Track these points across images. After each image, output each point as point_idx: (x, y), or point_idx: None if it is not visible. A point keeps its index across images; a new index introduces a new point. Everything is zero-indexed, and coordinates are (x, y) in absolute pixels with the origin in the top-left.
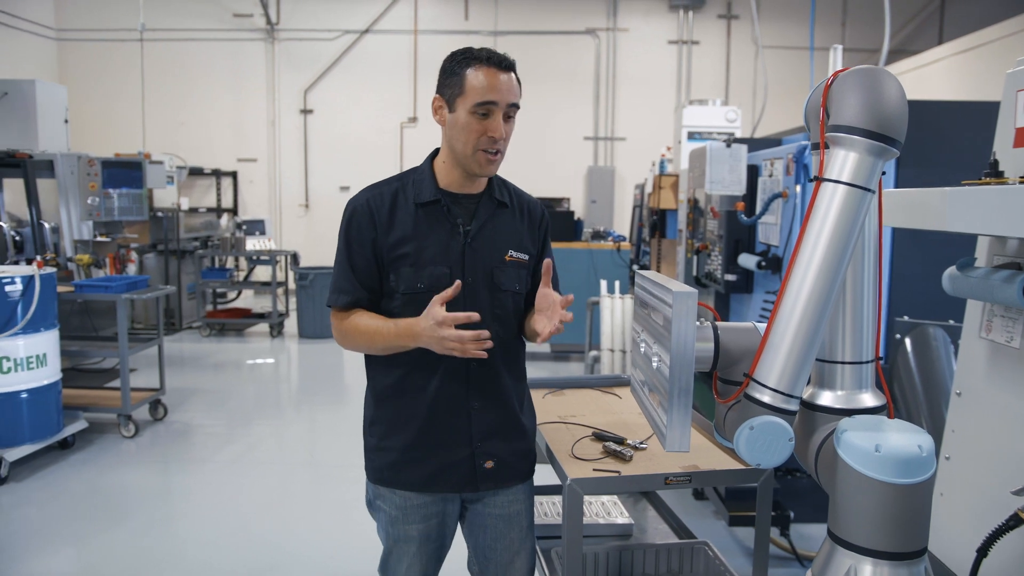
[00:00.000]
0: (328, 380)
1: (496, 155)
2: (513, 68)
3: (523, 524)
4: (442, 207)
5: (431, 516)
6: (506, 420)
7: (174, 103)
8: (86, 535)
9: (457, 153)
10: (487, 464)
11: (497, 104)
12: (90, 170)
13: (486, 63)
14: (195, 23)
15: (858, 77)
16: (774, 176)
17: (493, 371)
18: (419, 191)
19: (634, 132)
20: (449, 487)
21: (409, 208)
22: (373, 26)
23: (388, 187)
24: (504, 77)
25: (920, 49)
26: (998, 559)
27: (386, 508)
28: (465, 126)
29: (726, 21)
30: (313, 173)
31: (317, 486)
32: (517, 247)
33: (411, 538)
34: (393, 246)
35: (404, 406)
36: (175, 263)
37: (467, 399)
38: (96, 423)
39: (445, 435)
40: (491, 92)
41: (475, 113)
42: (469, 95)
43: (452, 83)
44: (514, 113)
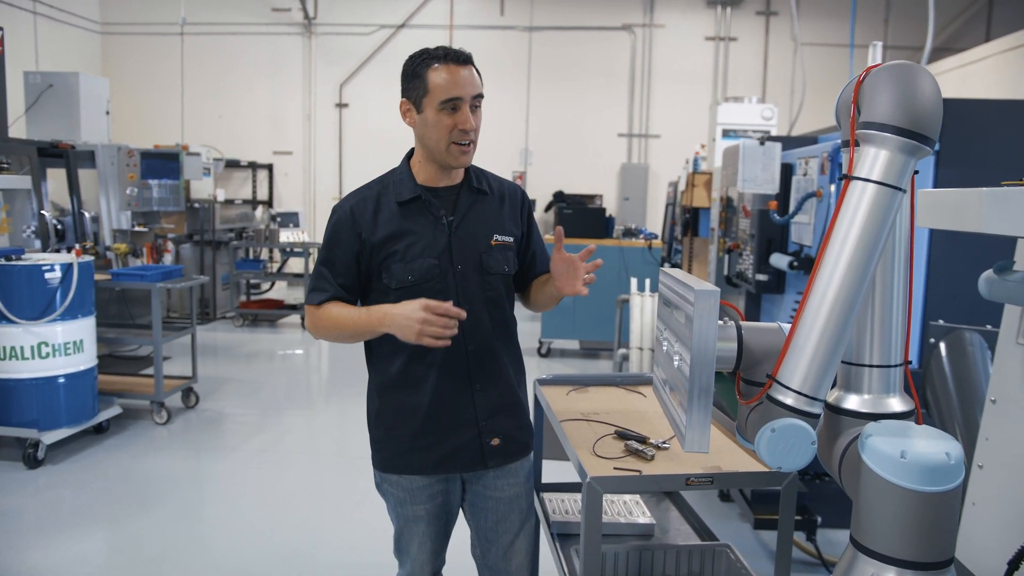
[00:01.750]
0: (358, 372)
1: (468, 146)
2: (471, 61)
3: (523, 506)
4: (423, 202)
5: (436, 495)
6: (507, 397)
7: (212, 96)
8: (118, 518)
9: (431, 150)
10: (494, 441)
11: (462, 98)
12: (129, 161)
13: (444, 60)
14: (234, 17)
15: (891, 73)
16: (808, 175)
17: (490, 351)
18: (399, 190)
19: (669, 129)
20: (459, 467)
21: (392, 208)
22: (409, 21)
23: (370, 191)
24: (464, 71)
25: (966, 47)
26: None
27: (393, 491)
28: (435, 124)
29: (765, 17)
30: (347, 167)
31: (345, 476)
32: (501, 231)
33: (419, 518)
34: (381, 246)
35: (408, 395)
36: (210, 254)
37: (469, 381)
38: (130, 409)
39: (451, 419)
40: (455, 88)
41: (443, 110)
42: (434, 94)
43: (415, 85)
44: (479, 103)
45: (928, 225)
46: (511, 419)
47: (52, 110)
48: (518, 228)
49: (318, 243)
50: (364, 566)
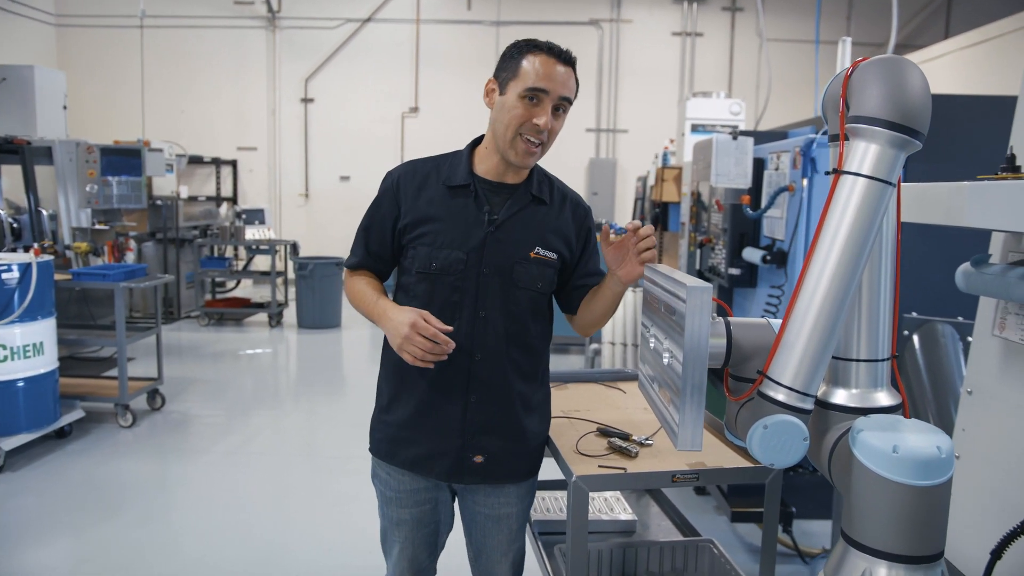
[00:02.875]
0: (327, 371)
1: (538, 147)
2: (573, 63)
3: (512, 527)
4: (471, 191)
5: (424, 502)
6: (505, 418)
7: (174, 90)
8: (83, 525)
9: (498, 137)
10: (476, 459)
11: (548, 93)
12: (89, 157)
13: (546, 52)
14: (195, 10)
15: (880, 67)
16: (780, 170)
17: (498, 368)
18: (451, 174)
19: (636, 124)
20: (435, 473)
21: (439, 189)
22: (375, 15)
23: (424, 166)
24: (561, 68)
25: (926, 44)
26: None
27: (381, 488)
28: (511, 109)
29: (730, 13)
30: (313, 163)
31: (316, 477)
32: (545, 245)
33: (404, 521)
34: (414, 224)
35: (405, 384)
36: (174, 252)
37: (466, 391)
38: (93, 412)
39: (438, 420)
40: (544, 79)
41: (524, 98)
42: (522, 79)
43: (508, 67)
44: (565, 108)
45: (909, 219)
46: (503, 442)
47: (6, 104)
48: (569, 248)
49: (284, 240)
50: (340, 568)
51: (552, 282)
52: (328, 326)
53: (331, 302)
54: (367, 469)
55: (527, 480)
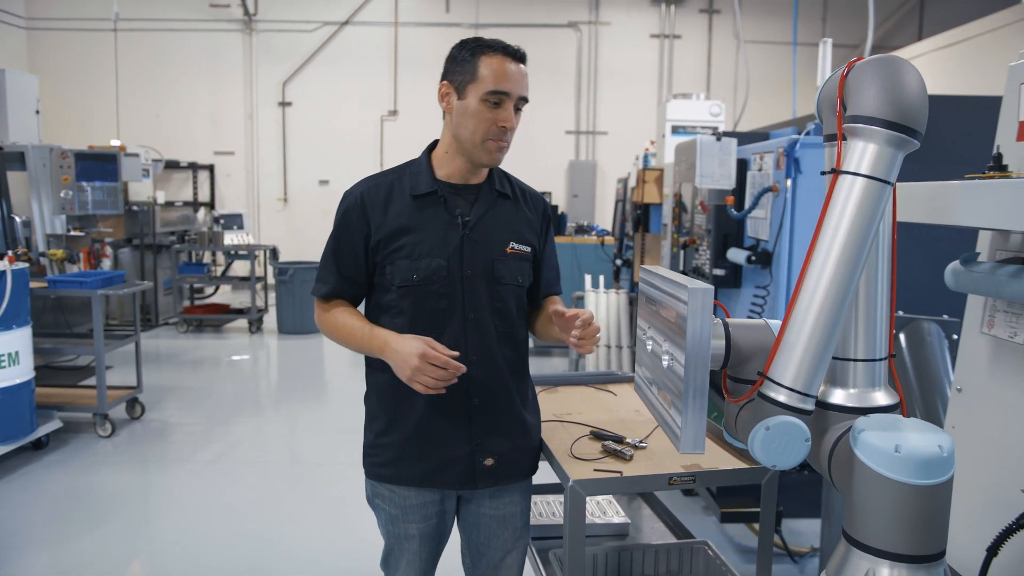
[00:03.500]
0: (309, 377)
1: (504, 144)
2: (525, 60)
3: (518, 525)
4: (439, 198)
5: (430, 516)
6: (508, 416)
7: (149, 95)
8: (62, 539)
9: (464, 142)
10: (487, 462)
11: (509, 94)
12: (63, 162)
13: (501, 52)
14: (170, 13)
15: (877, 66)
16: (763, 170)
17: (494, 366)
18: (415, 183)
19: (616, 126)
20: (447, 484)
21: (405, 200)
22: (353, 18)
23: (385, 179)
24: (516, 68)
25: (900, 45)
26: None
27: (385, 507)
28: (475, 114)
29: (708, 15)
30: (292, 167)
31: (300, 485)
32: (518, 239)
33: (411, 536)
34: (389, 239)
35: (403, 402)
36: (151, 258)
37: (468, 396)
38: (71, 422)
39: (444, 432)
40: (505, 81)
41: (486, 101)
42: (482, 83)
43: (463, 69)
44: (522, 106)
45: (903, 219)
46: (509, 440)
47: None
48: (537, 238)
49: (264, 245)
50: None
51: (529, 275)
52: (309, 331)
53: (312, 307)
54: (352, 476)
55: (530, 477)
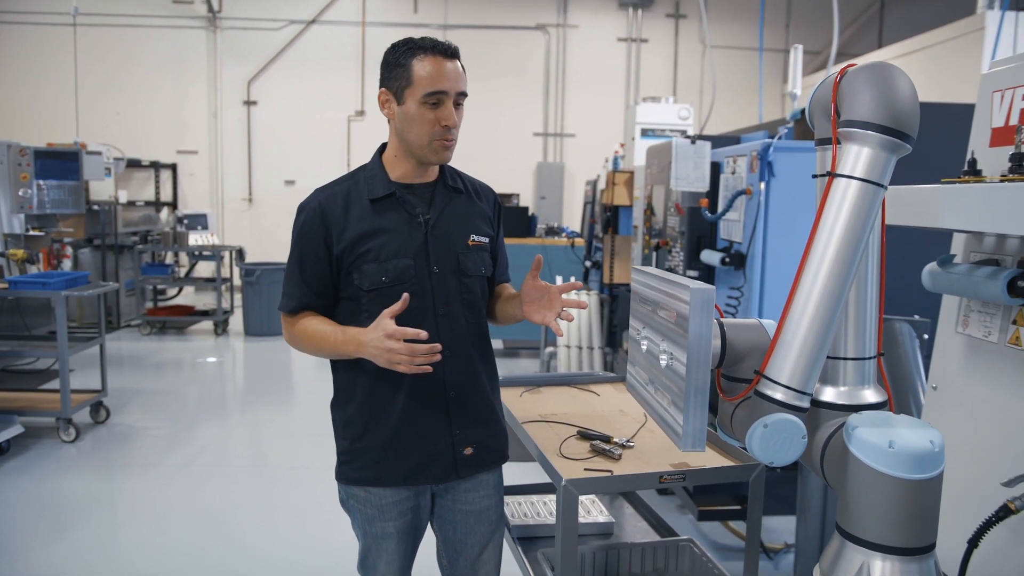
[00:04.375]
0: (276, 379)
1: (451, 142)
2: (458, 56)
3: (492, 518)
4: (397, 199)
5: (406, 512)
6: (482, 404)
7: (109, 91)
8: (28, 547)
9: (411, 144)
10: (467, 451)
11: (447, 93)
12: (21, 160)
13: (432, 52)
14: (132, 8)
15: (870, 73)
16: (737, 173)
17: (467, 356)
18: (371, 187)
19: (583, 129)
20: (431, 479)
21: (364, 205)
22: (320, 16)
23: (340, 187)
24: (451, 65)
25: (861, 52)
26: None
27: (360, 508)
28: (417, 117)
29: (674, 20)
30: (257, 166)
31: (269, 489)
32: (477, 231)
33: (389, 535)
34: (353, 245)
35: (380, 404)
36: (112, 258)
37: (444, 389)
38: (33, 427)
39: (425, 427)
40: (441, 81)
41: (426, 103)
42: (418, 86)
43: (398, 75)
44: (463, 101)
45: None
46: (484, 427)
47: None
48: (492, 228)
49: (230, 246)
50: None
51: (490, 265)
52: (276, 333)
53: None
54: (322, 478)
55: (501, 466)
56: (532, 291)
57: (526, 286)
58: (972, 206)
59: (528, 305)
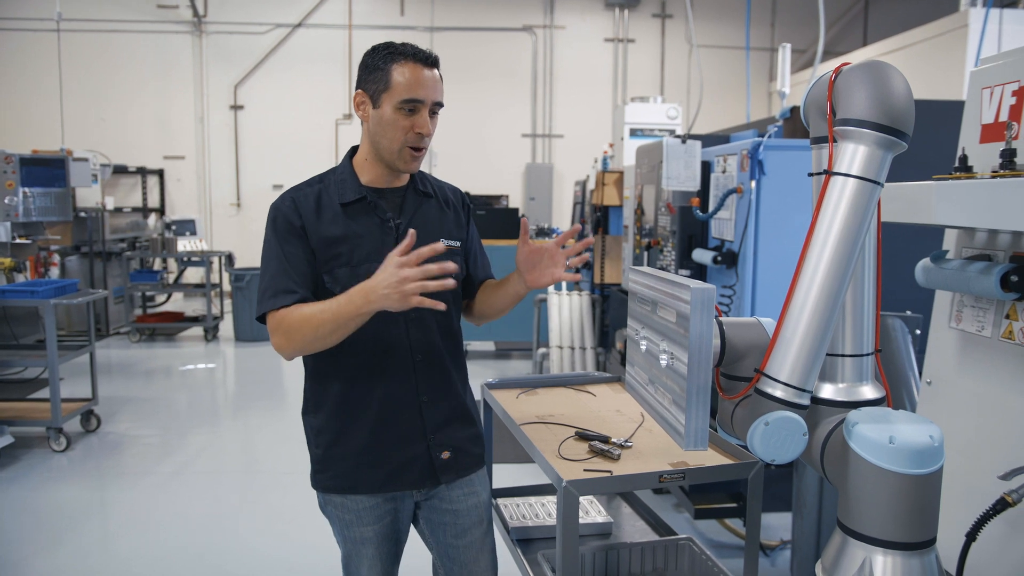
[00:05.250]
0: (268, 384)
1: (421, 151)
2: (438, 65)
3: (483, 517)
4: (368, 203)
5: (384, 515)
6: (455, 408)
7: (94, 98)
8: (21, 559)
9: (382, 149)
10: (444, 455)
11: (424, 101)
12: (6, 167)
13: (412, 59)
14: (116, 14)
15: (865, 71)
16: (727, 172)
17: (439, 361)
18: (342, 191)
19: (572, 129)
20: (409, 484)
21: (335, 208)
22: (306, 20)
23: (310, 188)
24: (429, 74)
25: (846, 50)
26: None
27: (338, 513)
28: (391, 123)
29: (660, 20)
30: (245, 171)
31: (264, 495)
32: (448, 235)
33: (367, 539)
34: (326, 246)
35: (352, 410)
36: (100, 266)
37: (416, 393)
38: (23, 437)
39: (398, 433)
40: (418, 89)
41: (401, 110)
42: (395, 91)
43: (376, 78)
44: (438, 111)
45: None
46: (461, 431)
47: None
48: (463, 231)
49: (217, 251)
50: None
51: (463, 268)
52: (266, 339)
53: None
54: None
55: (484, 464)
56: (529, 257)
57: (520, 254)
58: (965, 202)
59: (529, 273)
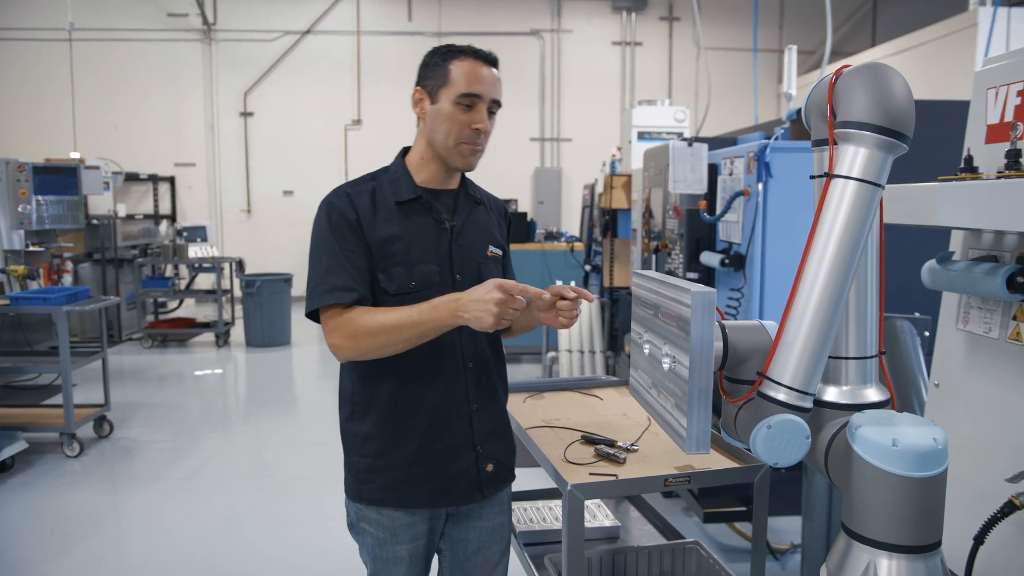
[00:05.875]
0: (279, 389)
1: (478, 148)
2: (497, 64)
3: (504, 535)
4: (423, 204)
5: (419, 536)
6: (499, 418)
7: (106, 106)
8: (33, 563)
9: (438, 145)
10: (488, 467)
11: (482, 97)
12: (20, 176)
13: (472, 56)
14: (127, 23)
15: (865, 73)
16: (734, 175)
17: (486, 369)
18: (397, 189)
19: (580, 133)
20: (457, 499)
21: (389, 206)
22: (314, 26)
23: (364, 185)
24: (488, 71)
25: (855, 51)
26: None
27: (372, 530)
28: (448, 117)
29: (668, 23)
30: (255, 177)
31: (274, 499)
32: (494, 243)
33: (400, 559)
34: (381, 245)
35: (403, 416)
36: (112, 272)
37: (467, 400)
38: (37, 443)
39: (450, 442)
40: (477, 84)
41: (459, 104)
42: (454, 85)
43: (435, 74)
44: (496, 110)
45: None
46: (501, 443)
47: None
48: (505, 241)
49: (229, 258)
50: None
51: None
52: (277, 344)
53: (280, 319)
54: (327, 489)
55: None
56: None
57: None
58: (970, 203)
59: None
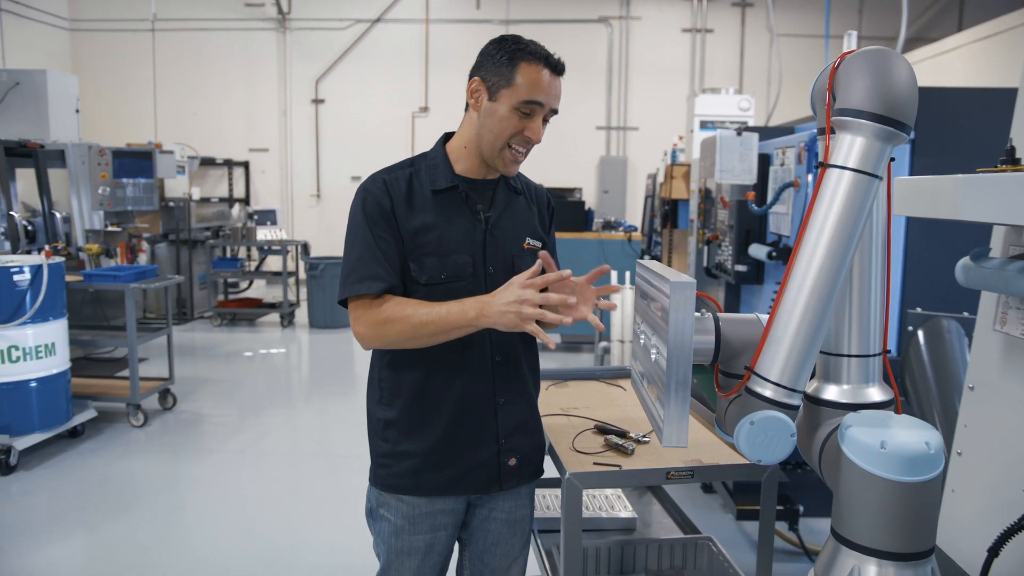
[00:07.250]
0: (339, 370)
1: (522, 156)
2: (563, 71)
3: (525, 529)
4: (460, 193)
5: (438, 527)
6: (528, 413)
7: (186, 93)
8: (94, 523)
9: (484, 143)
10: (511, 461)
11: (543, 106)
12: (101, 160)
13: (543, 62)
14: (206, 13)
15: (866, 59)
16: (786, 165)
17: (515, 363)
18: (434, 177)
19: (647, 122)
20: (473, 489)
21: (425, 194)
22: (384, 15)
23: (401, 172)
24: (556, 82)
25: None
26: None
27: (391, 517)
28: (503, 119)
29: (740, 9)
30: (324, 163)
31: (328, 476)
32: (532, 234)
33: (415, 550)
34: (415, 233)
35: (428, 406)
36: (186, 253)
37: (493, 395)
38: (106, 412)
39: (472, 434)
40: (540, 93)
41: (518, 110)
42: (517, 90)
43: (499, 71)
44: (551, 118)
45: (905, 213)
46: (528, 438)
47: (19, 109)
48: (546, 232)
49: (296, 240)
50: (347, 567)
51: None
52: (339, 326)
53: None
54: None
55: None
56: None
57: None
58: (993, 197)
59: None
